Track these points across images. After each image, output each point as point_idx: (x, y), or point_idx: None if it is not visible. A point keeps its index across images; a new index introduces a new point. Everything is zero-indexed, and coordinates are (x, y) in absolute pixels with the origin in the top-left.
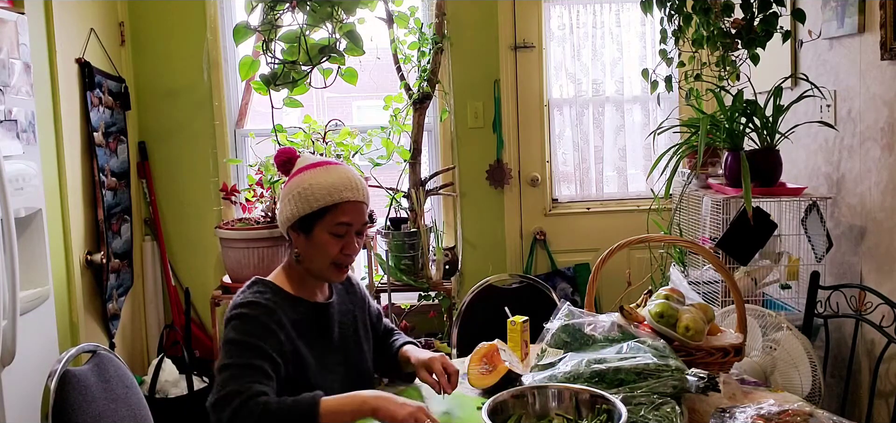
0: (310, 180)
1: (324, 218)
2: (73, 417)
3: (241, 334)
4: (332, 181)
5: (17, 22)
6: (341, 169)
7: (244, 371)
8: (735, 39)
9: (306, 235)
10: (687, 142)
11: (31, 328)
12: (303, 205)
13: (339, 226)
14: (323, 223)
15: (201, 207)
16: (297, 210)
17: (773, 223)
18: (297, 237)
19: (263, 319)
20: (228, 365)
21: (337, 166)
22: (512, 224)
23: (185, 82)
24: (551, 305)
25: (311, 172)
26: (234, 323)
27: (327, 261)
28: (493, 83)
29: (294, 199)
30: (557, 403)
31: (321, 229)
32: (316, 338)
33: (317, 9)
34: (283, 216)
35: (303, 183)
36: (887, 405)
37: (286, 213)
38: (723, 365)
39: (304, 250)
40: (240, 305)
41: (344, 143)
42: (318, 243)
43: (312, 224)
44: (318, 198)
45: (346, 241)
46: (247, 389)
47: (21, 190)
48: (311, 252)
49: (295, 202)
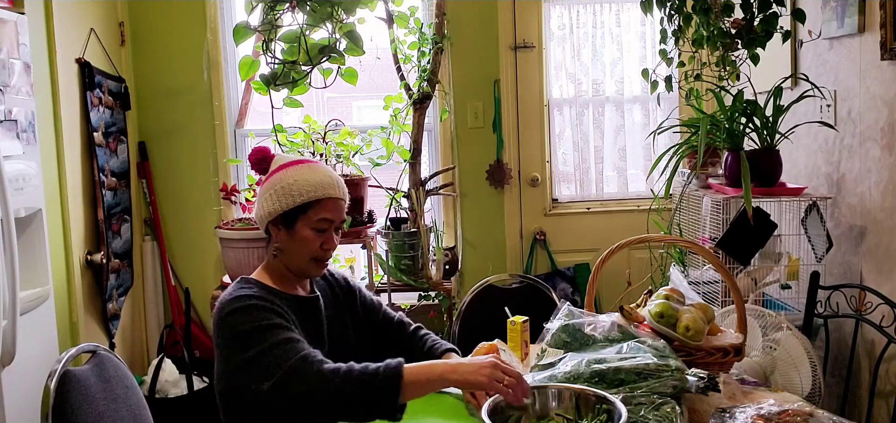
0: (293, 177)
1: (306, 214)
2: (73, 417)
3: (255, 321)
4: (315, 178)
5: (17, 22)
6: (323, 167)
7: (288, 344)
8: (735, 39)
9: (288, 230)
10: (687, 142)
11: (31, 328)
12: (286, 200)
13: (320, 221)
14: (305, 219)
15: (201, 207)
16: (279, 205)
17: (773, 223)
18: (278, 232)
19: (264, 303)
20: (264, 350)
21: (318, 164)
22: (512, 224)
23: (185, 82)
24: (551, 305)
25: (293, 169)
26: (237, 317)
27: (308, 256)
28: (493, 83)
29: (276, 194)
30: (557, 403)
31: (303, 225)
32: (304, 332)
33: (317, 9)
34: (263, 211)
35: (285, 179)
36: (887, 405)
37: (267, 208)
38: (723, 365)
39: (284, 244)
40: (234, 299)
41: (344, 143)
42: (299, 239)
43: (295, 219)
44: (302, 194)
45: (326, 236)
46: (309, 354)
47: (21, 190)
48: (292, 247)
49: (277, 198)
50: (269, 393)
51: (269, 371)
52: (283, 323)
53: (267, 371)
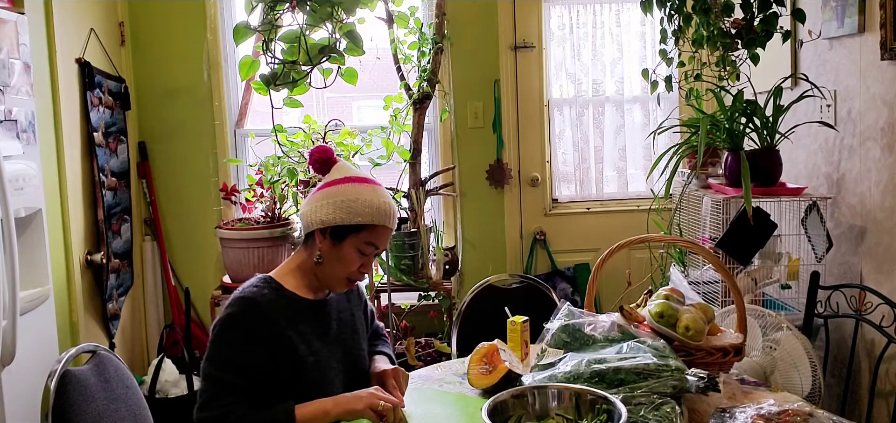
0: (358, 194)
1: (358, 234)
2: (73, 417)
3: (228, 343)
4: (378, 203)
5: (17, 22)
6: (385, 193)
7: (225, 391)
8: (735, 39)
9: (336, 243)
10: (687, 142)
11: (31, 328)
12: (345, 215)
13: (368, 245)
14: (356, 238)
15: (201, 207)
16: (337, 217)
17: (773, 223)
18: (324, 242)
19: (251, 327)
20: (211, 377)
21: (381, 188)
22: (512, 224)
23: (185, 82)
24: (551, 305)
25: (359, 186)
26: (227, 322)
27: (344, 274)
28: (493, 83)
29: (337, 206)
30: (557, 403)
31: (351, 244)
32: (314, 334)
33: (317, 9)
34: (317, 217)
35: (350, 194)
36: (887, 405)
37: (322, 215)
38: (723, 365)
39: (327, 255)
40: (240, 299)
41: (344, 143)
42: (343, 255)
43: (345, 235)
44: (362, 214)
45: (366, 260)
46: (228, 412)
47: (21, 190)
48: (333, 260)
49: (337, 209)
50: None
51: (200, 397)
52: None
53: (199, 394)
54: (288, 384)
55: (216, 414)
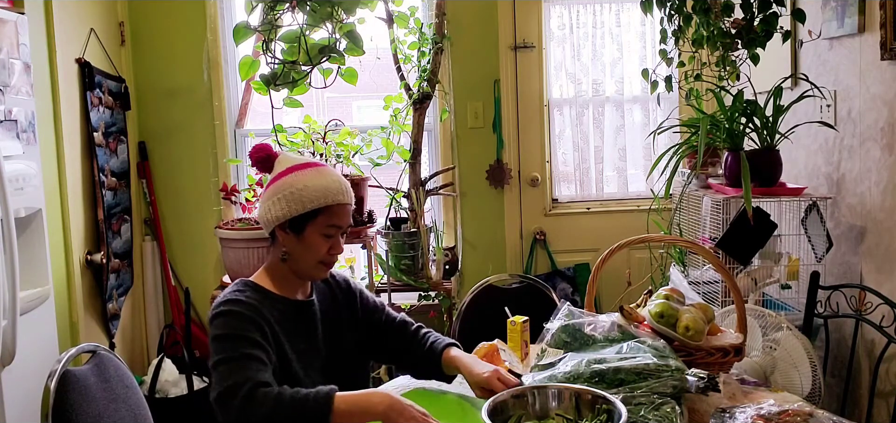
0: (304, 182)
1: (316, 219)
2: (73, 417)
3: (230, 329)
4: (326, 184)
5: (17, 22)
6: (332, 172)
7: (243, 362)
8: (735, 39)
9: (297, 235)
10: (687, 142)
11: (31, 328)
12: (297, 205)
13: (330, 227)
14: (315, 224)
15: (201, 207)
16: (291, 210)
17: (773, 223)
18: (286, 237)
19: (248, 313)
20: (224, 359)
21: (327, 169)
22: (512, 224)
23: (185, 82)
24: (551, 305)
25: (302, 174)
26: (219, 320)
27: (315, 260)
28: (492, 83)
29: (285, 199)
30: (557, 403)
31: (313, 230)
32: (299, 336)
33: (317, 9)
34: (271, 215)
35: (296, 184)
36: (887, 405)
37: (275, 212)
38: (723, 365)
39: (292, 249)
40: (222, 303)
41: (344, 143)
42: (308, 244)
43: (304, 225)
44: (313, 199)
45: (333, 241)
46: (252, 377)
47: (21, 190)
48: (300, 251)
49: (288, 202)
50: (214, 403)
51: (219, 382)
52: (255, 338)
53: (217, 381)
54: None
55: (238, 380)
